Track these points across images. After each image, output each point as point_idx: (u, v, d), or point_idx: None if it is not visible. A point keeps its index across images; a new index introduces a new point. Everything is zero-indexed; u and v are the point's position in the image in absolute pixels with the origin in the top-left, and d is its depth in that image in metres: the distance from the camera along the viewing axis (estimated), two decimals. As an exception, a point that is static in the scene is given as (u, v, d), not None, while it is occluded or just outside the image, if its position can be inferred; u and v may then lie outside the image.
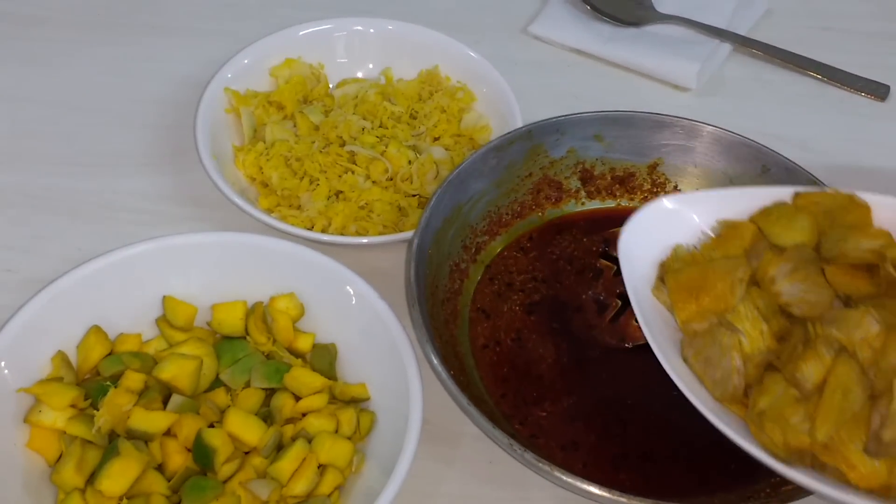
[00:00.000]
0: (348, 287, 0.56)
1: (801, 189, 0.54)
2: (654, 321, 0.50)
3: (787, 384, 0.46)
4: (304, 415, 0.54)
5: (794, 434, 0.44)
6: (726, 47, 0.80)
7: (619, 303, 0.59)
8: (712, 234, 0.53)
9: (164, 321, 0.57)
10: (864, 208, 0.52)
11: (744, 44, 0.80)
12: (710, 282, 0.49)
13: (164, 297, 0.57)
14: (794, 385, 0.45)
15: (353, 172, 0.66)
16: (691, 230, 0.53)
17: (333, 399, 0.55)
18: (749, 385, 0.47)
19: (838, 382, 0.44)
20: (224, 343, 0.56)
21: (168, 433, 0.51)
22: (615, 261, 0.61)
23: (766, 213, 0.53)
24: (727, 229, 0.53)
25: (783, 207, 0.53)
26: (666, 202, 0.53)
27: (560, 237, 0.64)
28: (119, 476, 0.48)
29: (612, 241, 0.61)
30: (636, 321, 0.57)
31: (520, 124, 0.66)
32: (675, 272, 0.51)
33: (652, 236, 0.52)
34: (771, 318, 0.48)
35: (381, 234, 0.63)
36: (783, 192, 0.54)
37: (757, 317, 0.48)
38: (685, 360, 0.49)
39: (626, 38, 0.80)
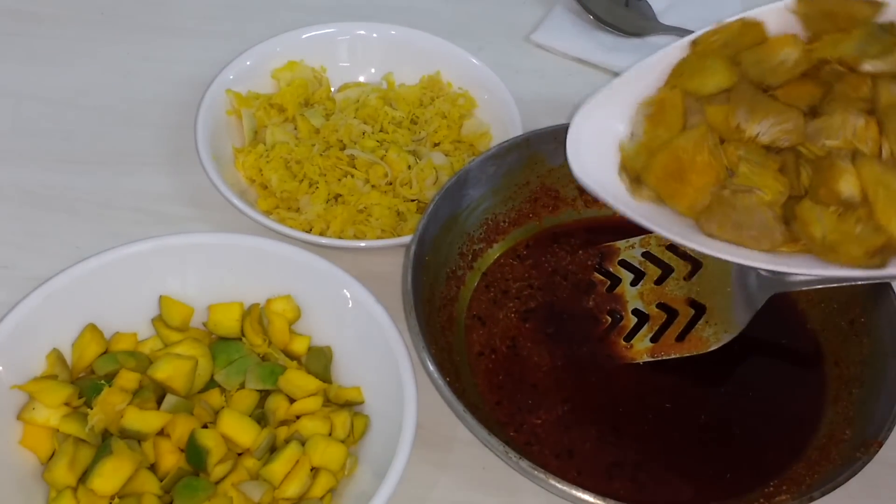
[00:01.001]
0: (345, 290, 0.56)
1: (692, 37, 0.53)
2: (659, 219, 0.50)
3: (822, 207, 0.46)
4: (297, 417, 0.53)
5: (867, 240, 0.45)
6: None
7: (609, 320, 0.60)
8: (643, 118, 0.53)
9: (159, 321, 0.57)
10: (758, 25, 0.52)
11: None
12: (686, 161, 0.49)
13: (161, 296, 0.57)
14: (833, 203, 0.46)
15: (352, 176, 0.66)
16: (621, 125, 0.53)
17: (328, 402, 0.55)
18: (786, 224, 0.48)
19: (874, 180, 0.46)
20: (219, 344, 0.56)
21: (161, 433, 0.51)
22: (608, 274, 0.61)
23: (677, 74, 0.52)
24: (653, 107, 0.52)
25: (687, 60, 0.53)
26: (581, 115, 0.52)
27: (556, 247, 0.64)
28: (111, 475, 0.48)
29: (607, 255, 0.61)
30: (624, 341, 0.58)
31: (520, 132, 0.66)
32: (647, 168, 0.51)
33: (594, 150, 0.52)
34: (767, 161, 0.49)
35: (379, 238, 0.64)
36: (679, 48, 0.53)
37: (759, 167, 0.48)
38: (710, 235, 0.49)
39: (628, 49, 0.81)
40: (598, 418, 0.56)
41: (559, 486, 0.47)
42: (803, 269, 0.47)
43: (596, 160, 0.51)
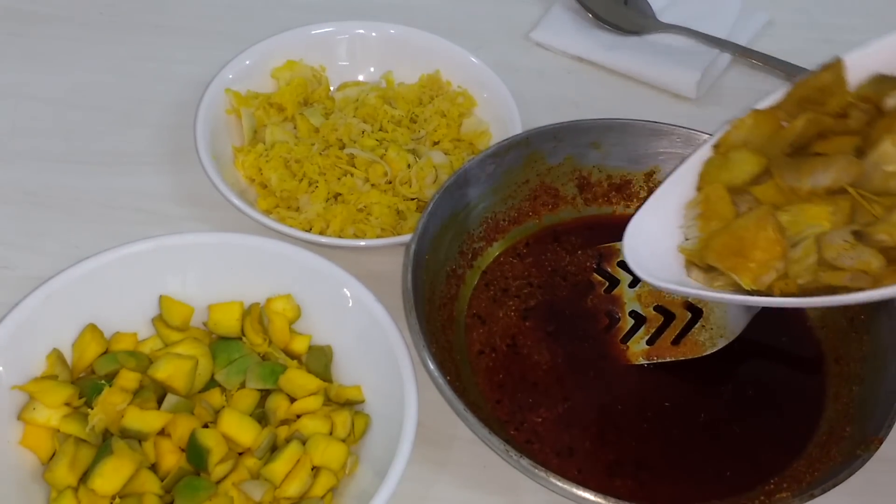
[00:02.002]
0: (345, 289, 0.56)
1: (712, 141, 0.54)
2: (729, 294, 0.50)
3: None
4: (298, 416, 0.54)
5: None
6: (727, 57, 0.81)
7: (607, 321, 0.60)
8: (694, 220, 0.53)
9: (160, 321, 0.57)
10: (769, 114, 0.53)
11: (744, 54, 0.80)
12: (748, 239, 0.49)
13: (161, 296, 0.57)
14: None
15: (352, 175, 0.66)
16: (672, 228, 0.53)
17: (328, 401, 0.55)
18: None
19: None
20: (220, 343, 0.56)
21: (162, 433, 0.51)
22: (607, 275, 0.61)
23: (705, 175, 0.53)
24: (700, 206, 0.53)
25: (712, 161, 0.54)
26: (637, 219, 0.53)
27: (556, 246, 0.64)
28: (112, 475, 0.48)
29: (606, 256, 0.62)
30: (621, 343, 0.58)
31: (520, 130, 0.66)
32: (707, 247, 0.51)
33: (656, 260, 0.53)
34: (811, 198, 0.49)
35: (378, 237, 0.64)
36: (703, 154, 0.54)
37: (799, 211, 0.49)
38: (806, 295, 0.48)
39: (627, 47, 0.81)
40: (599, 416, 0.56)
41: (560, 484, 0.48)
42: None
43: (659, 266, 0.52)
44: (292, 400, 0.54)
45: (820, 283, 0.47)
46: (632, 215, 0.54)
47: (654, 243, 0.53)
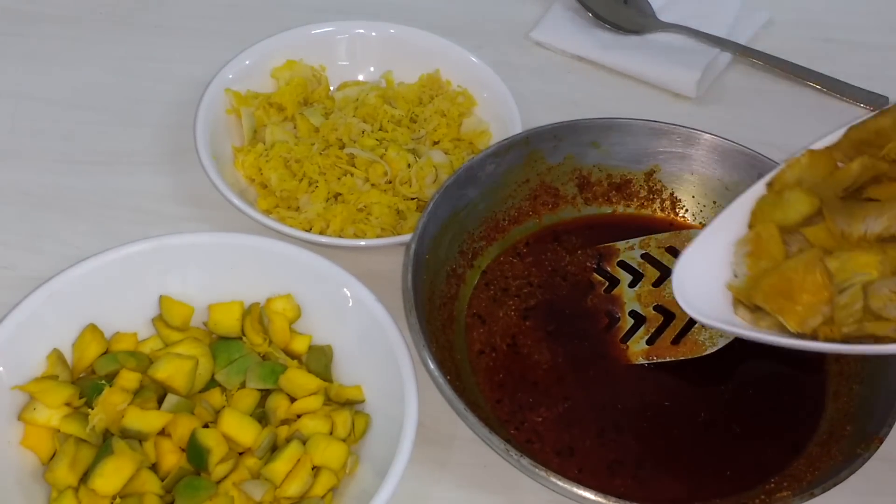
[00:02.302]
0: (345, 289, 0.56)
1: (766, 179, 0.54)
2: (775, 335, 0.50)
3: None
4: (298, 416, 0.53)
5: None
6: (727, 56, 0.81)
7: (607, 321, 0.60)
8: (743, 258, 0.53)
9: (160, 321, 0.57)
10: (825, 154, 0.53)
11: (744, 53, 0.80)
12: (797, 282, 0.49)
13: (161, 296, 0.57)
14: None
15: (352, 175, 0.66)
16: (721, 269, 0.53)
17: (328, 401, 0.55)
18: None
19: None
20: (220, 343, 0.56)
21: (162, 433, 0.51)
22: (607, 275, 0.61)
23: (758, 213, 0.54)
24: (750, 244, 0.53)
25: (765, 199, 0.54)
26: (680, 266, 0.53)
27: (556, 245, 0.64)
28: (112, 475, 0.48)
29: (606, 256, 0.62)
30: (621, 342, 0.58)
31: (520, 130, 0.66)
32: (755, 287, 0.51)
33: (704, 297, 0.53)
34: (859, 245, 0.49)
35: (378, 236, 0.64)
36: (756, 191, 0.54)
37: (846, 256, 0.49)
38: (848, 342, 0.48)
39: (626, 46, 0.81)
40: (599, 416, 0.56)
41: (560, 483, 0.48)
42: None
43: (706, 303, 0.52)
44: (292, 400, 0.54)
45: (864, 331, 0.47)
46: (633, 215, 0.54)
47: (702, 279, 0.53)
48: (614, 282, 0.61)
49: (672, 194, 0.66)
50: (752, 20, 0.84)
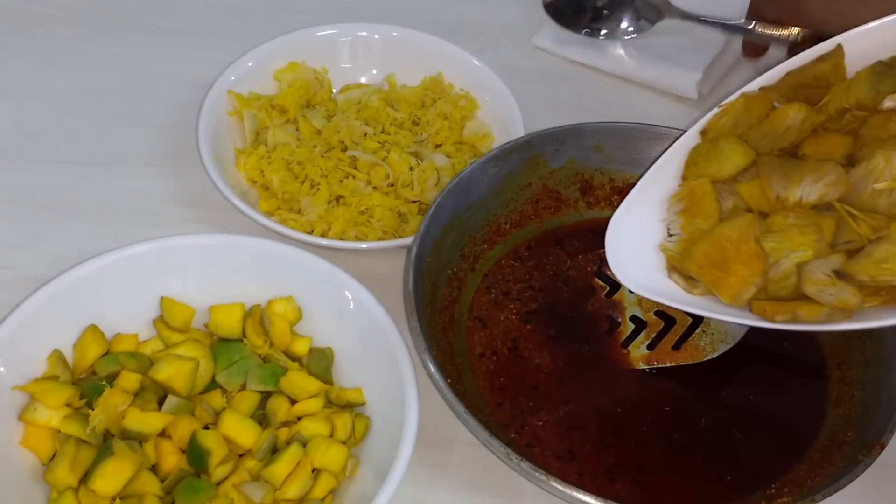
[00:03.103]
0: (346, 292, 0.56)
1: (699, 125, 0.53)
2: (719, 307, 0.49)
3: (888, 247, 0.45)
4: (299, 418, 0.53)
5: None
6: (730, 58, 0.80)
7: (609, 325, 0.60)
8: (677, 215, 0.52)
9: (161, 322, 0.57)
10: (760, 97, 0.52)
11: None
12: (731, 250, 0.48)
13: (162, 297, 0.57)
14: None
15: (354, 177, 0.66)
16: (655, 227, 0.53)
17: (329, 403, 0.54)
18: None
19: None
20: (221, 345, 0.56)
21: (163, 434, 0.51)
22: (608, 280, 0.61)
23: (691, 164, 0.52)
24: (684, 201, 0.52)
25: (699, 149, 0.52)
26: (613, 225, 0.53)
27: (557, 249, 0.64)
28: (112, 476, 0.48)
29: (606, 260, 0.61)
30: (622, 347, 0.58)
31: (522, 133, 0.66)
32: (688, 255, 0.50)
33: (636, 258, 0.52)
34: (816, 224, 0.47)
35: (380, 239, 0.64)
36: (689, 139, 0.53)
37: (784, 234, 0.47)
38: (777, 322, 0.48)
39: (628, 52, 0.80)
40: (600, 420, 0.56)
41: (560, 487, 0.47)
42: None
43: (640, 266, 0.51)
44: (293, 402, 0.54)
45: (798, 319, 0.47)
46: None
47: (636, 240, 0.52)
48: (615, 286, 0.61)
49: (674, 198, 0.65)
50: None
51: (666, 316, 0.59)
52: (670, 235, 0.52)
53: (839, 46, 0.51)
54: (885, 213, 0.45)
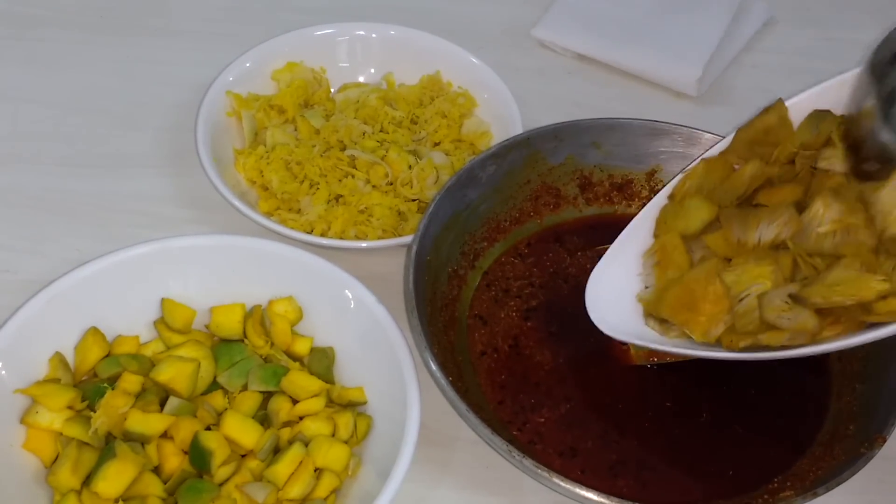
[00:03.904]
0: (347, 291, 0.56)
1: (666, 191, 0.57)
2: (695, 346, 0.53)
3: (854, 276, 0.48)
4: (301, 418, 0.53)
5: None
6: (728, 55, 0.80)
7: None
8: (652, 269, 0.56)
9: (162, 323, 0.57)
10: (718, 161, 0.57)
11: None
12: (699, 292, 0.52)
13: (163, 299, 0.57)
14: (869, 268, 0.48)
15: (353, 177, 0.66)
16: (632, 280, 0.57)
17: (331, 403, 0.55)
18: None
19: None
20: (222, 346, 0.56)
21: (165, 435, 0.51)
22: None
23: (661, 223, 0.57)
24: (657, 254, 0.56)
25: (667, 209, 0.57)
26: (592, 281, 0.56)
27: (557, 246, 0.64)
28: (115, 478, 0.48)
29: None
30: (623, 343, 0.58)
31: (520, 130, 0.66)
32: (660, 300, 0.54)
33: (615, 309, 0.56)
34: (772, 258, 0.51)
35: (380, 238, 0.64)
36: (658, 203, 0.58)
37: (742, 268, 0.51)
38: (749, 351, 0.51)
39: (628, 43, 0.80)
40: (601, 416, 0.56)
41: (563, 484, 0.48)
42: (857, 342, 0.47)
43: (618, 314, 0.55)
44: (295, 402, 0.54)
45: (760, 343, 0.50)
46: (634, 215, 0.57)
47: (614, 292, 0.56)
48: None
49: (673, 194, 0.65)
50: (751, 18, 0.84)
51: None
52: (646, 288, 0.56)
53: (780, 100, 0.56)
54: (832, 253, 0.49)
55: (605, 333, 0.54)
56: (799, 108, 0.56)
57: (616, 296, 0.56)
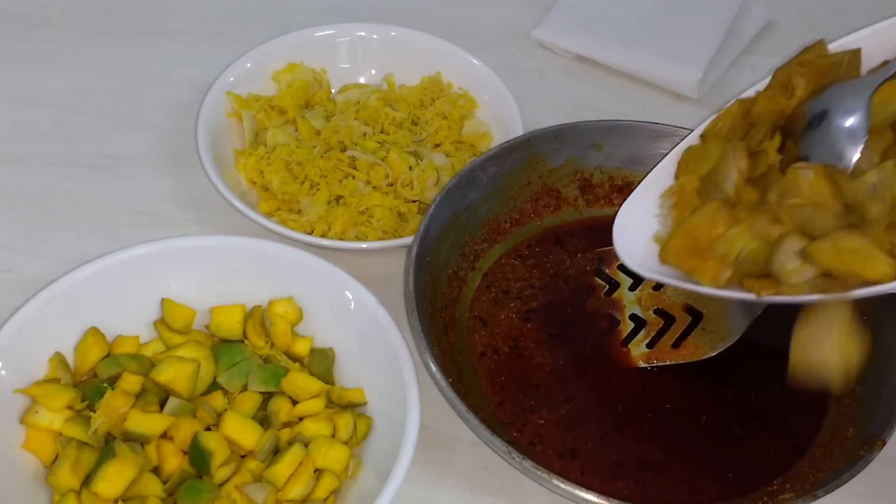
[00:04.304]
0: (347, 292, 0.56)
1: (699, 129, 0.56)
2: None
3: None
4: (300, 419, 0.53)
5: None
6: (729, 56, 0.80)
7: (608, 323, 0.60)
8: (669, 210, 0.54)
9: (162, 324, 0.57)
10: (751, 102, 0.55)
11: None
12: (703, 238, 0.50)
13: (163, 299, 0.57)
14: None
15: (353, 177, 0.66)
16: (651, 216, 0.55)
17: (330, 403, 0.55)
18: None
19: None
20: (222, 346, 0.56)
21: (164, 436, 0.51)
22: (607, 278, 0.61)
23: (683, 164, 0.55)
24: (675, 196, 0.54)
25: (692, 150, 0.55)
26: (621, 214, 0.55)
27: (557, 247, 0.64)
28: (115, 478, 0.48)
29: (606, 259, 0.62)
30: (621, 346, 0.58)
31: (521, 132, 0.66)
32: (665, 249, 0.52)
33: (639, 245, 0.54)
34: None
35: (380, 239, 0.64)
36: (690, 142, 0.56)
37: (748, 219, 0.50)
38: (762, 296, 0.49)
39: (629, 45, 0.80)
40: (601, 418, 0.56)
41: (563, 486, 0.48)
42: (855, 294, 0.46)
43: (641, 251, 0.54)
44: (294, 402, 0.54)
45: (781, 291, 0.48)
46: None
47: (637, 232, 0.54)
48: (614, 285, 0.61)
49: (673, 196, 0.65)
50: (750, 20, 0.84)
51: (665, 314, 0.59)
52: (663, 229, 0.54)
53: (821, 40, 0.54)
54: (861, 204, 0.47)
55: (629, 268, 0.53)
56: (842, 49, 0.54)
57: (638, 236, 0.54)
